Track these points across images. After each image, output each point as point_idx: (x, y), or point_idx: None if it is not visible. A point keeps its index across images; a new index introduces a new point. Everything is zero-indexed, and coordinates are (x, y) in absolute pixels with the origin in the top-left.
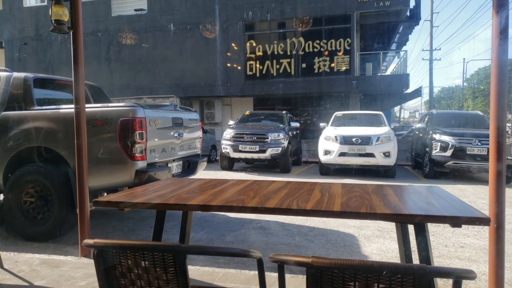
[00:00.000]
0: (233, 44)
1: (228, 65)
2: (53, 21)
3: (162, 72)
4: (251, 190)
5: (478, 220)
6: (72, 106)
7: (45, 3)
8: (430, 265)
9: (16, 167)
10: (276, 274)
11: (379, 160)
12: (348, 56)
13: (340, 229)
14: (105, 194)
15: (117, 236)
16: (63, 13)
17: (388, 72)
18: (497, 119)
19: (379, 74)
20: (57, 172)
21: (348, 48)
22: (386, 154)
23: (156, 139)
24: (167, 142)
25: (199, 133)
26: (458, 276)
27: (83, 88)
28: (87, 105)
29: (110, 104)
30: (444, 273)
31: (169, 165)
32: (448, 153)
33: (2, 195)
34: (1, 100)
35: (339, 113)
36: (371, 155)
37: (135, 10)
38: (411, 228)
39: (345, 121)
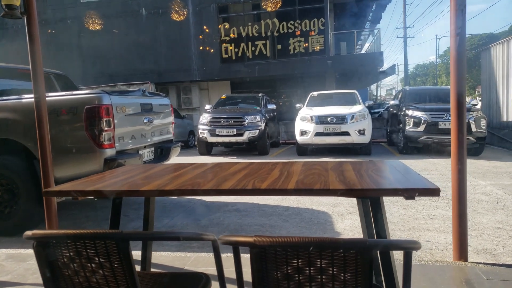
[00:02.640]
0: (206, 28)
1: (202, 48)
2: (3, 6)
3: (136, 58)
4: (211, 173)
5: (428, 191)
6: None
7: None
8: (372, 239)
9: None
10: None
11: (354, 138)
12: (323, 36)
13: (315, 207)
14: None
15: (90, 226)
16: None
17: (363, 50)
18: (456, 87)
19: (353, 53)
20: (22, 164)
21: (322, 28)
22: (361, 132)
23: (124, 126)
24: (136, 129)
25: (171, 119)
26: (400, 248)
27: (41, 76)
28: (50, 94)
29: (74, 92)
30: (386, 245)
31: (140, 152)
32: (421, 128)
33: None
34: None
35: (314, 94)
36: (346, 133)
37: None
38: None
39: (320, 101)
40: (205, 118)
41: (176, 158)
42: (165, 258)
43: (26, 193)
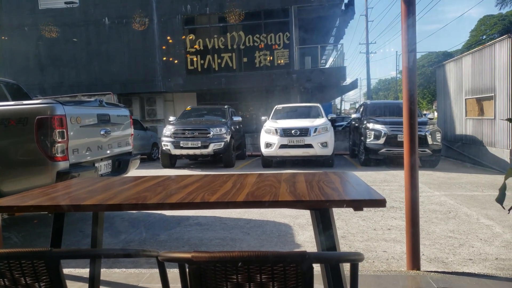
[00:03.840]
0: (169, 38)
1: (166, 59)
2: None
3: (98, 69)
4: (162, 185)
5: (374, 202)
6: None
7: None
8: (312, 252)
9: None
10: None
11: (317, 150)
12: (288, 50)
13: (277, 219)
14: None
15: (41, 244)
16: None
17: (327, 65)
18: (408, 102)
19: (318, 67)
20: None
21: (287, 42)
22: (324, 145)
23: (79, 138)
24: (92, 140)
25: (130, 130)
26: (343, 260)
27: None
28: None
29: (25, 102)
30: (327, 258)
31: (96, 164)
32: (381, 141)
33: None
34: None
35: (279, 106)
36: (309, 146)
37: (66, 3)
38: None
39: (284, 114)
40: (168, 129)
41: (136, 171)
42: (118, 275)
43: None
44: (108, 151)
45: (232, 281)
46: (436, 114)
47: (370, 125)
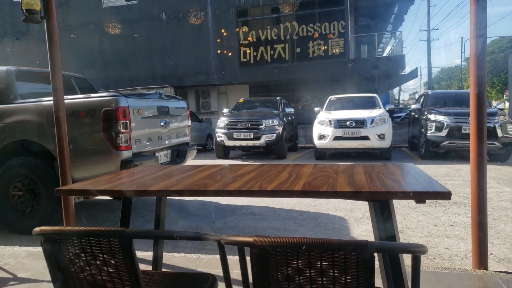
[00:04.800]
0: (224, 31)
1: (220, 52)
2: (24, 11)
3: (156, 63)
4: (220, 174)
5: (438, 195)
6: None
7: None
8: (373, 241)
9: (3, 161)
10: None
11: (374, 142)
12: (343, 39)
13: (331, 212)
14: None
15: (108, 226)
16: (34, 2)
17: (385, 54)
18: (476, 90)
19: (374, 56)
20: (43, 165)
21: (342, 30)
22: (381, 137)
23: (141, 128)
24: (153, 131)
25: (188, 122)
26: (405, 251)
27: (60, 79)
28: (69, 96)
29: (92, 95)
30: (388, 248)
31: (157, 154)
32: (444, 133)
33: None
34: None
35: (333, 97)
36: (365, 138)
37: (126, 0)
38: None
39: (339, 105)
40: (222, 121)
41: (192, 161)
42: (178, 259)
43: (46, 193)
44: (167, 142)
45: (292, 266)
46: (507, 104)
47: (432, 116)
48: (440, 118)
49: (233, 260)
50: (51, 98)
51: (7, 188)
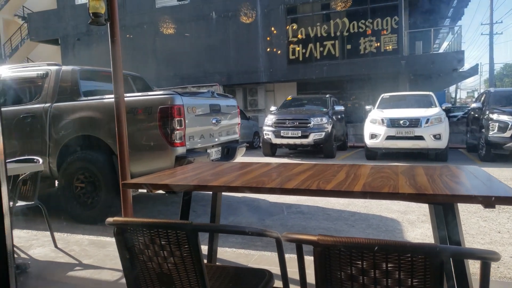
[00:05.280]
0: (274, 29)
1: (268, 50)
2: (91, 14)
3: (206, 61)
4: (276, 172)
5: (510, 200)
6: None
7: None
8: (443, 245)
9: (67, 155)
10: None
11: (429, 143)
12: (396, 34)
13: (383, 214)
14: None
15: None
16: (100, 6)
17: (441, 50)
18: None
19: (430, 52)
20: (103, 159)
21: (395, 26)
22: (437, 137)
23: (194, 126)
24: (205, 129)
25: (238, 120)
26: (476, 257)
27: (121, 78)
28: (128, 95)
29: (150, 93)
30: (458, 252)
31: (208, 151)
32: (508, 133)
33: (56, 180)
34: (52, 93)
35: (385, 95)
36: (420, 137)
37: (178, 0)
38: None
39: (392, 103)
40: (270, 119)
41: (241, 158)
42: (229, 254)
43: (106, 186)
44: (218, 139)
45: (356, 266)
46: None
47: (494, 116)
48: (504, 117)
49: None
50: (111, 96)
51: (71, 180)
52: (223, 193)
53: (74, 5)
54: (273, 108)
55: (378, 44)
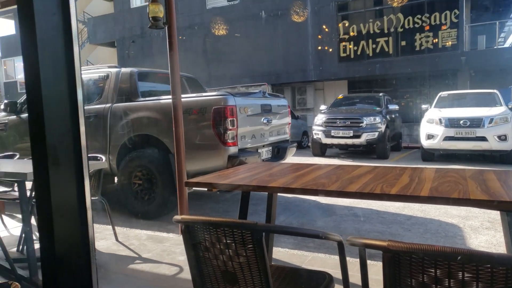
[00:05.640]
0: (325, 27)
1: (318, 48)
2: (150, 18)
3: (255, 60)
4: (334, 174)
5: None
6: (169, 96)
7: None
8: None
9: (126, 153)
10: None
11: (492, 144)
12: (456, 29)
13: (442, 218)
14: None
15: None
16: (159, 10)
17: (506, 44)
18: None
19: (494, 47)
20: (160, 158)
21: (455, 20)
22: (502, 138)
23: (246, 126)
24: (256, 129)
25: (288, 119)
26: None
27: (178, 80)
28: (183, 96)
29: (204, 94)
30: None
31: (259, 150)
32: None
33: (116, 177)
34: (112, 93)
35: (444, 93)
36: (482, 138)
37: (228, 0)
38: None
39: (451, 102)
40: (320, 118)
41: (290, 158)
42: (283, 254)
43: (162, 183)
44: (269, 139)
45: (429, 274)
46: None
47: None
48: None
49: (337, 260)
50: (167, 96)
51: (129, 177)
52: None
53: (129, 9)
54: (323, 107)
55: (436, 39)
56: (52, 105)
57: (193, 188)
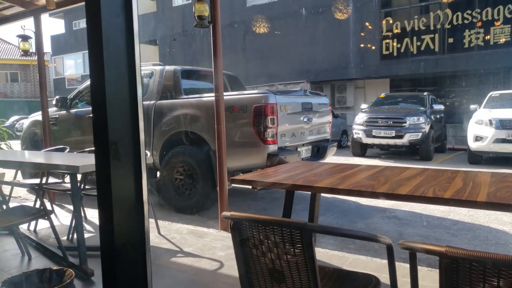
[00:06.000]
0: (366, 24)
1: (359, 45)
2: (196, 17)
3: (294, 58)
4: (382, 176)
5: None
6: (211, 94)
7: (190, 1)
8: None
9: (169, 148)
10: (407, 265)
11: None
12: (510, 25)
13: (492, 225)
14: (241, 174)
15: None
16: (204, 9)
17: None
18: None
19: None
20: (201, 154)
21: (509, 16)
22: None
23: (286, 124)
24: (296, 127)
25: (329, 118)
26: None
27: (221, 78)
28: (225, 93)
29: (245, 92)
30: None
31: (299, 149)
32: None
33: (158, 172)
34: (156, 91)
35: (495, 93)
36: None
37: None
38: None
39: (503, 102)
40: (361, 117)
41: (330, 158)
42: (323, 254)
43: (202, 179)
44: (309, 137)
45: (491, 284)
46: None
47: None
48: None
49: (379, 263)
50: (208, 94)
51: (171, 172)
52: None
53: (171, 7)
54: (364, 106)
55: (488, 36)
56: (114, 103)
57: (232, 185)
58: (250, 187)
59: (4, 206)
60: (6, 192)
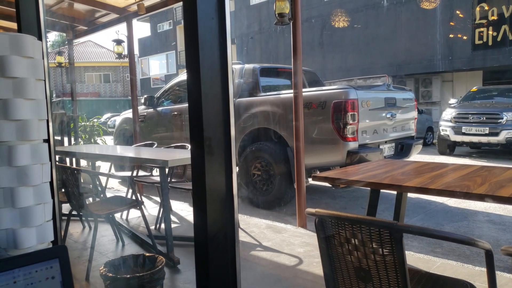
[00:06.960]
0: (458, 12)
1: (448, 35)
2: (276, 15)
3: (374, 52)
4: (478, 176)
5: None
6: (289, 91)
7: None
8: None
9: (247, 144)
10: (505, 274)
11: None
12: None
13: None
14: (318, 172)
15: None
16: (285, 6)
17: None
18: None
19: None
20: (278, 150)
21: None
22: None
23: (367, 120)
24: (379, 123)
25: (414, 114)
26: None
27: (301, 75)
28: (304, 89)
29: (323, 88)
30: None
31: (381, 146)
32: None
33: (237, 167)
34: (235, 89)
35: None
36: None
37: None
38: None
39: None
40: (449, 113)
41: (414, 156)
42: (408, 257)
43: (279, 175)
44: (392, 134)
45: None
46: None
47: None
48: None
49: (472, 270)
50: (285, 91)
51: (249, 167)
52: (391, 191)
53: (249, 6)
54: (452, 100)
55: None
56: (209, 101)
57: (310, 182)
58: (328, 184)
59: (102, 196)
60: (102, 183)
